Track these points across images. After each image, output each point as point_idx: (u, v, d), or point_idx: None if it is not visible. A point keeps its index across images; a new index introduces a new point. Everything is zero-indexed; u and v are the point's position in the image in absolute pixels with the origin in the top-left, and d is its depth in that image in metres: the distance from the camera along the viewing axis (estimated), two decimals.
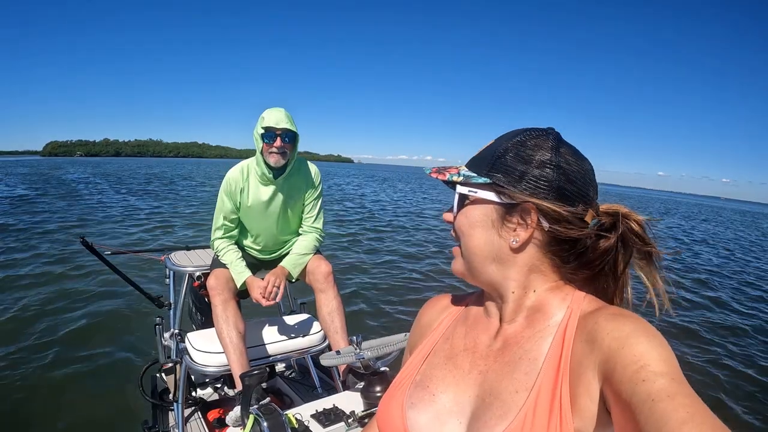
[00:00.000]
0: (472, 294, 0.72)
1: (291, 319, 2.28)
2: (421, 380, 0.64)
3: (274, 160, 1.86)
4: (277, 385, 2.53)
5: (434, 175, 0.63)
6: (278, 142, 1.84)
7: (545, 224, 0.57)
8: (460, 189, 0.61)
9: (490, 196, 0.58)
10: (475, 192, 0.59)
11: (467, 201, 0.61)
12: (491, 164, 0.59)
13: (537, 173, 0.56)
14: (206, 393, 2.42)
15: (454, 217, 0.63)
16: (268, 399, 1.52)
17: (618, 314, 0.52)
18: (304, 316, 2.33)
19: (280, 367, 2.73)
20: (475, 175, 0.59)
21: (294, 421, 1.47)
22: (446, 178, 0.62)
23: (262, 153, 1.89)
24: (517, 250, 0.58)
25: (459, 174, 0.61)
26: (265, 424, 1.34)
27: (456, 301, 0.74)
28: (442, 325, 0.70)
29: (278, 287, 1.92)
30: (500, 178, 0.57)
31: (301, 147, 1.98)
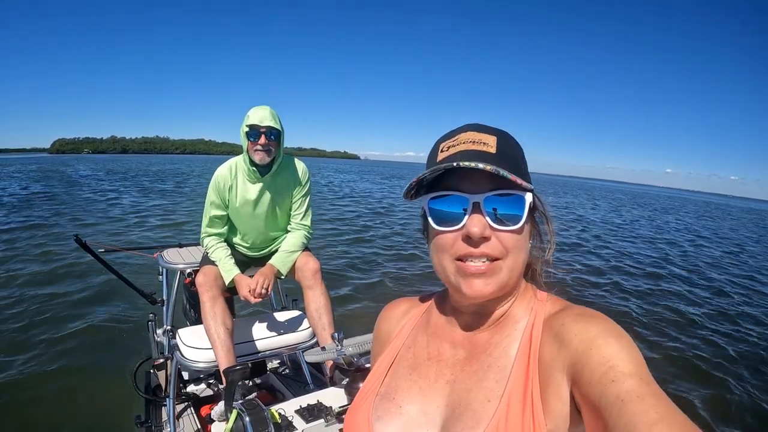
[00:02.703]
0: (429, 297, 0.71)
1: (281, 316, 2.30)
2: (386, 392, 0.62)
3: (259, 157, 1.87)
4: (270, 380, 2.55)
5: (515, 179, 0.50)
6: (263, 140, 1.85)
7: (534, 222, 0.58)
8: (530, 198, 0.54)
9: (531, 201, 0.55)
10: (531, 200, 0.54)
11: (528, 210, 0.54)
12: (525, 167, 0.55)
13: (529, 177, 0.57)
14: (199, 388, 2.44)
15: (498, 230, 0.53)
16: (254, 394, 1.54)
17: (584, 314, 0.52)
18: (294, 313, 2.35)
19: (274, 363, 2.75)
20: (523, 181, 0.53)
21: (277, 416, 1.48)
22: (528, 186, 0.52)
23: (247, 151, 1.90)
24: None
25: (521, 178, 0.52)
26: (247, 418, 1.36)
27: (413, 305, 0.72)
28: (403, 333, 0.68)
29: (266, 288, 1.94)
30: (531, 184, 0.55)
31: (308, 144, 1.99)
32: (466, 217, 0.52)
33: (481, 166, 0.49)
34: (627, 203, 33.40)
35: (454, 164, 0.51)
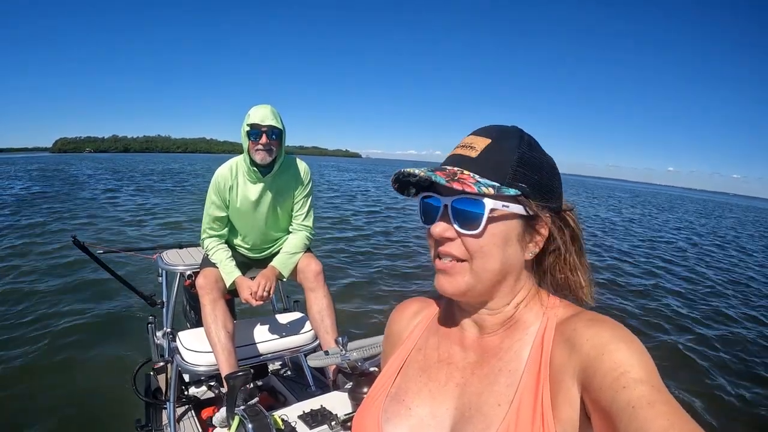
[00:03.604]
0: (440, 298, 0.70)
1: (283, 318, 2.28)
2: (396, 393, 0.62)
3: (260, 157, 1.84)
4: (272, 383, 2.53)
5: (453, 185, 0.50)
6: (264, 139, 1.82)
7: (546, 232, 0.57)
8: (492, 204, 0.52)
9: (518, 209, 0.53)
10: (507, 206, 0.52)
11: (492, 216, 0.52)
12: (513, 173, 0.53)
13: (547, 182, 0.56)
14: (200, 391, 2.42)
15: (461, 234, 0.53)
16: (256, 399, 1.51)
17: (596, 320, 0.51)
18: (296, 315, 2.33)
19: (275, 365, 2.73)
20: (499, 185, 0.52)
21: (280, 423, 1.46)
22: (475, 190, 0.50)
23: (248, 150, 1.87)
24: (527, 262, 0.58)
25: (484, 184, 0.51)
26: (249, 425, 1.34)
27: (425, 306, 0.71)
28: (414, 334, 0.68)
29: (268, 291, 1.92)
30: (525, 189, 0.53)
31: (310, 142, 1.96)
32: (437, 217, 0.55)
33: (417, 171, 0.53)
34: (642, 203, 33.31)
35: (400, 170, 0.56)
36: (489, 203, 0.51)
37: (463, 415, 0.55)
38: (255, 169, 1.90)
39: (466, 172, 0.52)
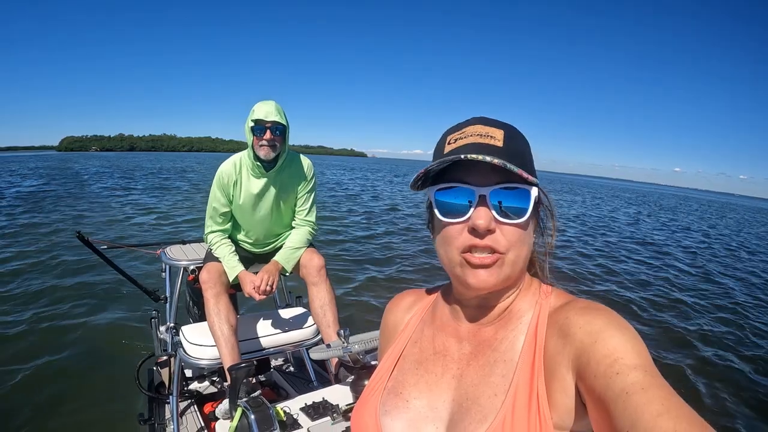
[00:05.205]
0: (435, 290, 0.71)
1: (285, 313, 2.29)
2: (394, 386, 0.63)
3: (264, 152, 1.85)
4: (273, 378, 2.54)
5: (520, 172, 0.50)
6: (268, 135, 1.83)
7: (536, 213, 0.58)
8: (535, 191, 0.53)
9: (538, 194, 0.55)
10: (536, 194, 0.54)
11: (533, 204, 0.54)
12: (530, 164, 0.55)
13: (534, 172, 0.57)
14: (203, 386, 2.43)
15: (504, 224, 0.53)
16: (258, 392, 1.53)
17: (588, 307, 0.52)
18: (299, 310, 2.34)
19: (278, 360, 2.74)
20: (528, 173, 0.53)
21: (282, 414, 1.47)
22: (534, 180, 0.52)
23: (252, 146, 1.88)
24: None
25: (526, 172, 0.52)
26: (252, 416, 1.35)
27: (419, 298, 0.72)
28: (409, 327, 0.69)
29: (271, 285, 1.93)
30: (536, 177, 0.54)
31: (315, 142, 1.97)
32: (472, 209, 0.52)
33: (489, 158, 0.49)
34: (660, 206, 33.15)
35: (462, 156, 0.50)
36: (534, 191, 0.53)
37: (461, 406, 0.55)
38: (259, 164, 1.91)
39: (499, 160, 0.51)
